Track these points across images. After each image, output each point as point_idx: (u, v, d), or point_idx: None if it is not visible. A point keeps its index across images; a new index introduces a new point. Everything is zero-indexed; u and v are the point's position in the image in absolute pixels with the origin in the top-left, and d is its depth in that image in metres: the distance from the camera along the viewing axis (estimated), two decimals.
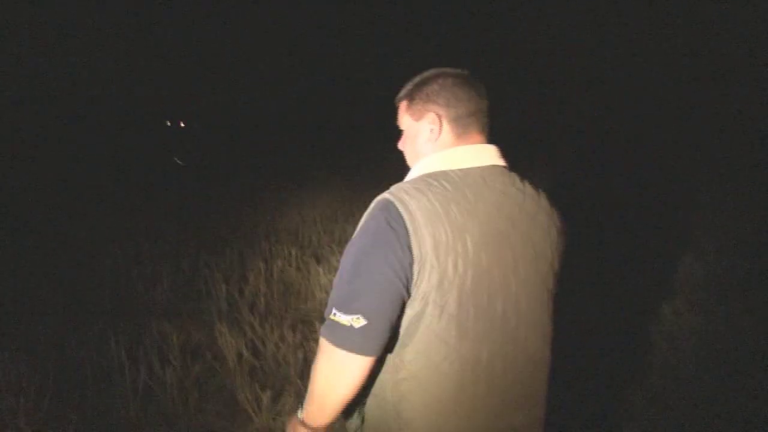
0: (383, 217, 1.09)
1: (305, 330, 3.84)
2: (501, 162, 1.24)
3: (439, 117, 1.23)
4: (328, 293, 4.69)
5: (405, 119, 1.30)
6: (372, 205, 1.15)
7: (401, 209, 1.08)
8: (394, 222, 1.08)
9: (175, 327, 3.87)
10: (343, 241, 6.46)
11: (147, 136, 18.43)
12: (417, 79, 1.29)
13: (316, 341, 3.64)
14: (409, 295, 1.10)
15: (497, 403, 1.16)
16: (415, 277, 1.08)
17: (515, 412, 1.19)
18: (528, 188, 1.23)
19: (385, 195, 1.13)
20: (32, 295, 4.26)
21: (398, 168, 1.36)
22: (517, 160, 1.35)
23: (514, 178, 1.22)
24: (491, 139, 1.28)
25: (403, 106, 1.31)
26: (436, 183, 1.13)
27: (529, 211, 1.20)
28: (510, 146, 1.36)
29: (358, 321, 1.06)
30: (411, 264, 1.07)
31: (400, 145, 1.35)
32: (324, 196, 9.63)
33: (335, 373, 1.11)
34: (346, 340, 1.07)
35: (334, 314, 1.10)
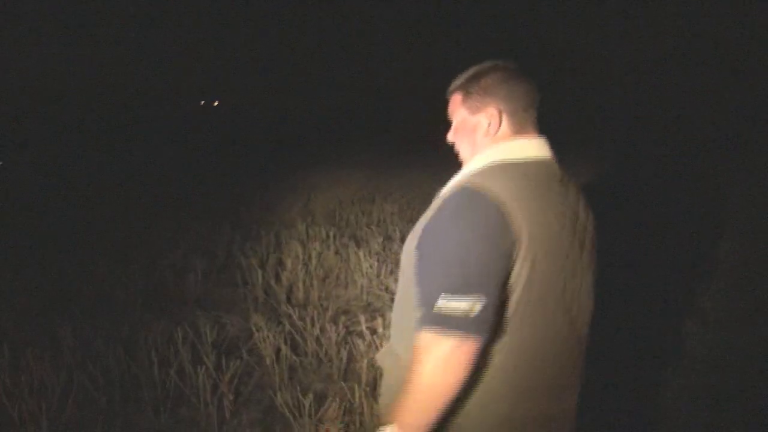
0: (479, 203, 1.09)
1: (348, 322, 3.53)
2: (551, 154, 1.26)
3: (499, 111, 1.23)
4: (370, 279, 4.40)
5: (460, 112, 1.30)
6: (456, 192, 1.14)
7: (494, 196, 1.09)
8: (491, 208, 1.08)
9: (209, 319, 3.62)
10: (381, 222, 6.16)
11: (181, 116, 18.39)
12: (471, 71, 1.29)
13: (360, 335, 3.38)
14: (508, 279, 1.10)
15: (555, 385, 1.20)
16: (513, 260, 1.09)
17: (569, 396, 1.24)
18: (571, 179, 1.26)
19: (470, 183, 1.13)
20: (57, 290, 4.06)
21: (439, 151, 1.42)
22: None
23: (562, 170, 1.26)
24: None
25: (457, 98, 1.30)
26: (513, 172, 1.16)
27: (578, 201, 1.24)
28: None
29: (477, 302, 1.05)
30: (512, 248, 1.08)
31: (451, 138, 1.34)
32: (360, 175, 9.32)
33: (450, 365, 1.06)
34: (463, 324, 1.05)
35: (447, 301, 1.06)
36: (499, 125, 1.24)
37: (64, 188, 8.48)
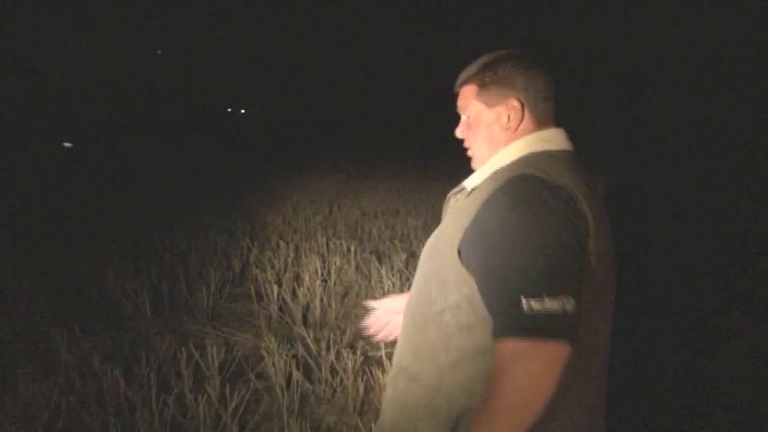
0: (545, 188, 0.98)
1: (366, 347, 3.25)
2: (573, 148, 1.17)
3: (521, 103, 1.14)
4: None
5: (474, 105, 1.19)
6: (509, 181, 1.01)
7: (557, 180, 1.00)
8: (561, 193, 0.98)
9: (218, 338, 3.37)
10: (405, 237, 5.89)
11: (207, 123, 18.41)
12: (484, 60, 1.18)
13: (379, 363, 3.10)
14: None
15: (599, 397, 1.13)
16: (586, 254, 0.99)
17: (603, 410, 1.15)
18: None
19: (525, 170, 1.02)
20: (60, 298, 3.85)
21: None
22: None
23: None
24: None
25: (470, 91, 1.19)
26: (561, 160, 1.07)
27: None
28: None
29: (567, 302, 0.92)
30: (585, 239, 0.98)
31: (461, 133, 1.24)
32: (385, 187, 9.07)
33: (547, 377, 0.91)
34: (557, 329, 0.91)
35: (535, 302, 0.92)
36: (521, 118, 1.14)
37: (75, 192, 8.37)
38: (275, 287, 4.01)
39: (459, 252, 1.04)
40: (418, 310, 1.15)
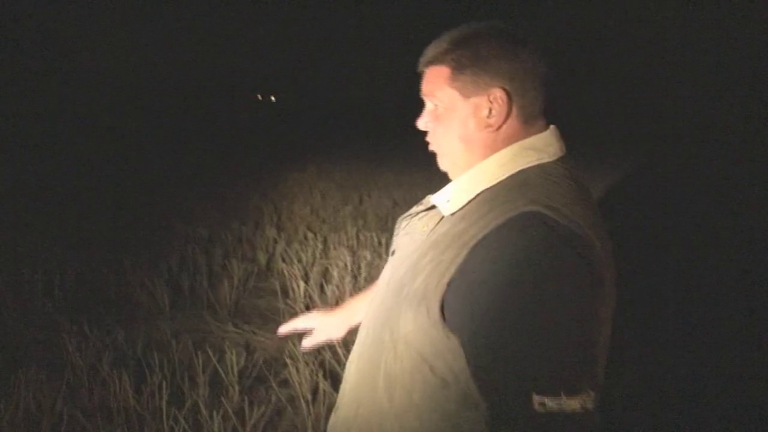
0: (561, 238, 0.75)
1: None
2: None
3: (506, 93, 0.86)
4: None
5: (445, 92, 0.90)
6: (515, 222, 0.77)
7: (571, 222, 0.77)
8: (578, 243, 0.75)
9: (238, 337, 3.12)
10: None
11: (236, 111, 18.31)
12: (458, 34, 0.89)
13: None
14: None
15: None
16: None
17: None
18: None
19: (534, 210, 0.77)
20: (74, 291, 3.63)
21: None
22: None
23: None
24: None
25: (440, 73, 0.90)
26: (562, 179, 0.84)
27: None
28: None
29: (589, 398, 0.71)
30: (605, 299, 0.78)
31: (424, 125, 0.96)
32: (418, 175, 8.73)
33: None
34: (575, 429, 0.71)
35: (550, 400, 0.70)
36: (506, 114, 0.88)
37: (95, 182, 8.21)
38: (302, 283, 3.74)
39: (441, 308, 0.80)
40: (368, 356, 0.94)
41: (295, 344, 2.87)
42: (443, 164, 0.97)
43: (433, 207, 0.94)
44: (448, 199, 0.89)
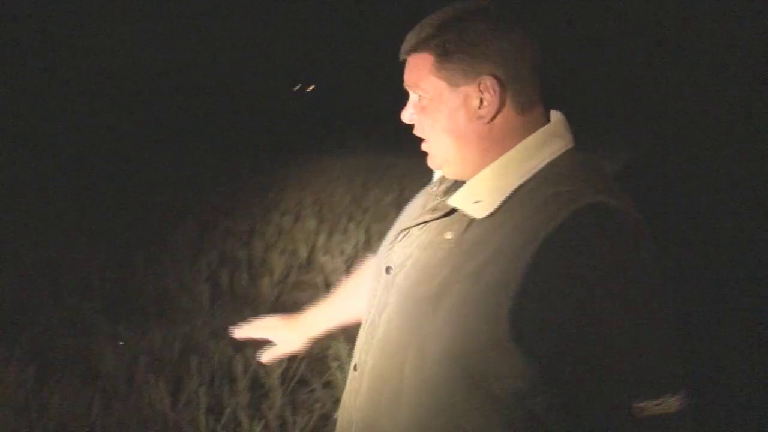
0: (635, 234, 0.73)
1: None
2: None
3: (498, 80, 0.78)
4: None
5: (430, 82, 0.82)
6: (584, 217, 0.71)
7: (635, 216, 0.75)
8: (647, 238, 0.74)
9: None
10: None
11: (272, 103, 18.33)
12: (441, 17, 0.81)
13: None
14: None
15: None
16: None
17: None
18: None
19: (599, 200, 0.72)
20: (112, 292, 3.53)
21: None
22: None
23: None
24: None
25: (424, 61, 0.81)
26: (599, 168, 0.83)
27: None
28: None
29: (686, 394, 0.70)
30: None
31: (408, 117, 0.87)
32: None
33: None
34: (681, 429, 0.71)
35: (655, 404, 0.68)
36: (499, 103, 0.78)
37: (134, 177, 8.20)
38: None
39: (504, 321, 0.71)
40: (383, 384, 0.83)
41: (339, 345, 2.69)
42: (434, 162, 0.88)
43: (451, 212, 0.82)
44: (476, 200, 0.78)
